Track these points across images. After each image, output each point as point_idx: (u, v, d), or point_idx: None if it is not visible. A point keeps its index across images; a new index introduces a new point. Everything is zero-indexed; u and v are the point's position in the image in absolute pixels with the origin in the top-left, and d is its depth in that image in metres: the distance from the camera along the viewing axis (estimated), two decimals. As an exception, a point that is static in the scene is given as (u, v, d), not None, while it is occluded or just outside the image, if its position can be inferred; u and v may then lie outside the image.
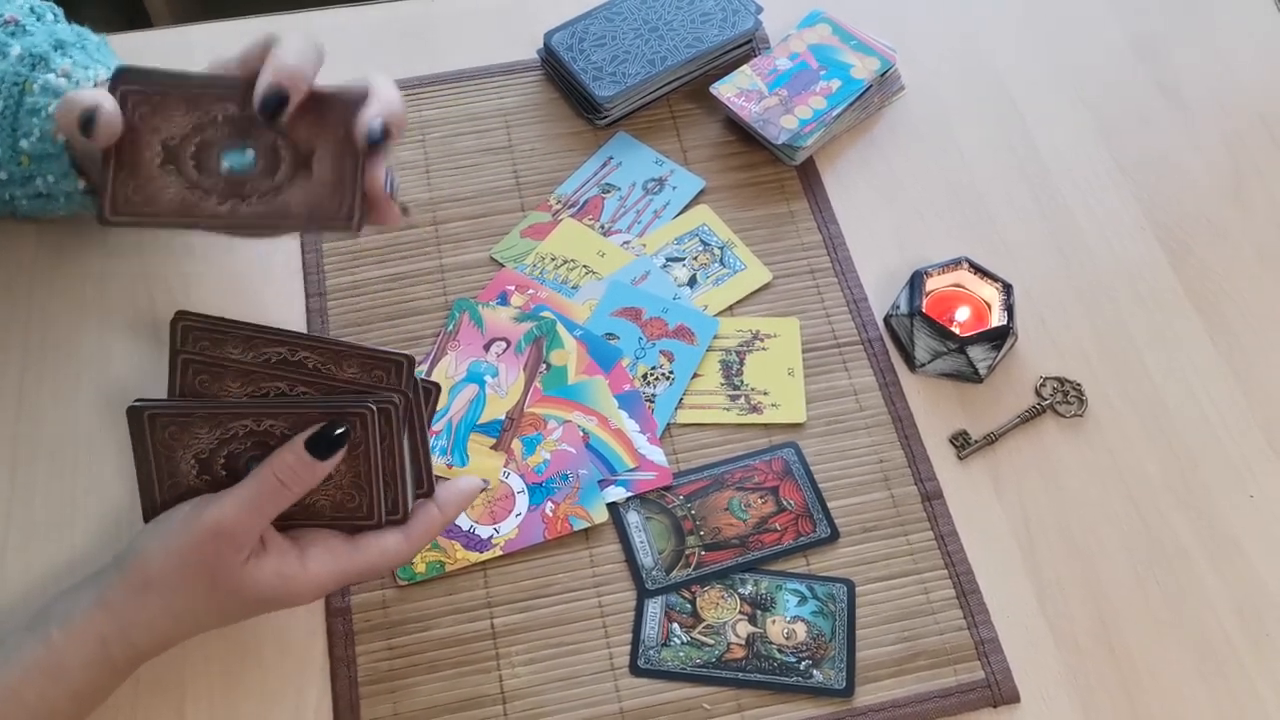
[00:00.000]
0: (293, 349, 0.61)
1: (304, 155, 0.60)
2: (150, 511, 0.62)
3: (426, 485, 0.63)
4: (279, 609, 0.61)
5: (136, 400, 0.60)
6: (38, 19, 0.75)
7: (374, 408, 0.59)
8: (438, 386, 0.64)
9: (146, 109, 0.59)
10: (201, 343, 0.61)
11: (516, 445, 0.74)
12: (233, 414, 0.60)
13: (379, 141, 0.61)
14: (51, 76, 0.70)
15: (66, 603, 0.60)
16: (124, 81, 0.60)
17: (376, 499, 0.61)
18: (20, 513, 0.72)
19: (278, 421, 0.60)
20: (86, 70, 0.71)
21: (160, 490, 0.61)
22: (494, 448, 0.74)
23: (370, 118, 0.61)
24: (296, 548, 0.61)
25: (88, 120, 0.59)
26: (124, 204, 0.61)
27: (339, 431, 0.59)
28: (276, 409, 0.60)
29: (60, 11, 0.78)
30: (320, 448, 0.59)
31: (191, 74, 0.61)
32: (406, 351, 0.62)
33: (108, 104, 0.59)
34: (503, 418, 0.75)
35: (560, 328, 0.78)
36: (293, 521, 0.61)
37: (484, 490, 0.66)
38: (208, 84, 0.61)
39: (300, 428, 0.60)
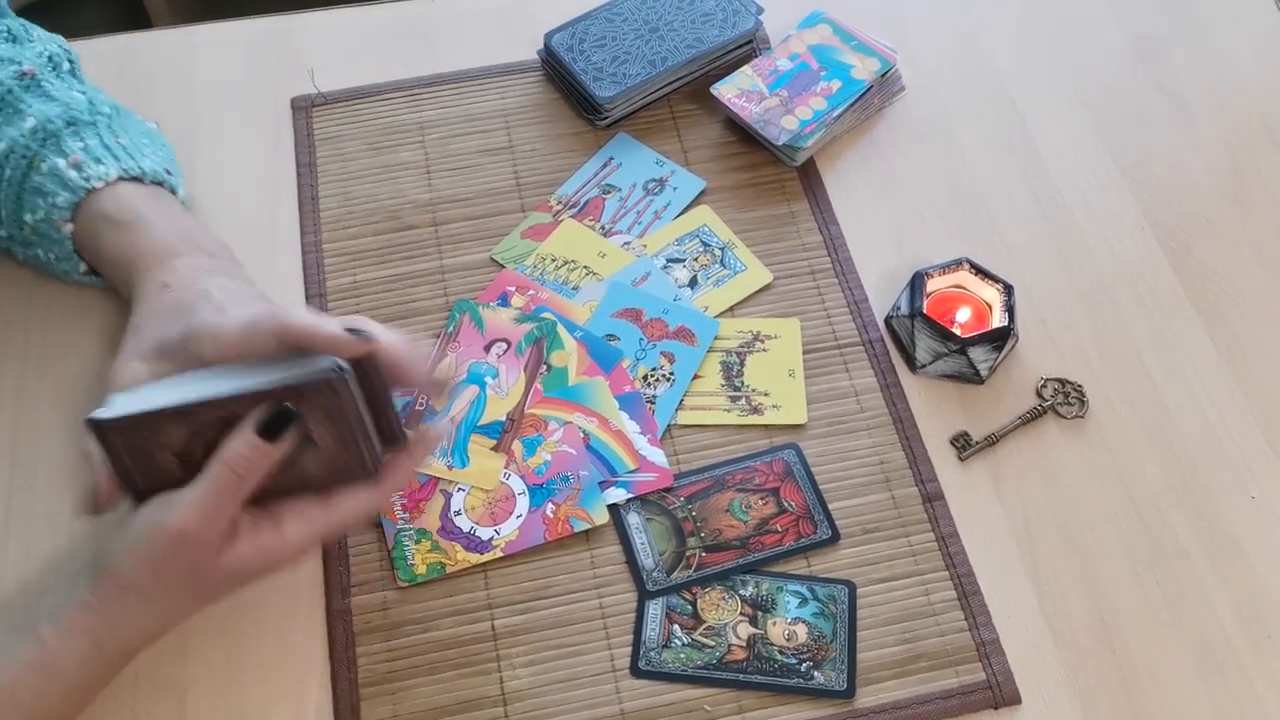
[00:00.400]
0: (225, 406, 0.60)
1: (302, 431, 0.61)
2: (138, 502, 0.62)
3: (399, 436, 0.63)
4: (266, 578, 0.62)
5: (95, 413, 0.60)
6: (54, 69, 0.75)
7: (339, 369, 0.59)
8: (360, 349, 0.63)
9: (145, 432, 0.60)
10: (141, 432, 0.60)
11: (517, 446, 0.74)
12: (200, 409, 0.60)
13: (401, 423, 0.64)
14: (62, 163, 0.71)
15: (49, 602, 0.60)
16: (109, 435, 0.60)
17: (364, 450, 0.61)
18: (20, 513, 0.72)
19: (244, 407, 0.60)
20: (98, 164, 0.71)
21: (143, 484, 0.61)
22: (494, 449, 0.74)
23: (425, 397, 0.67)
24: (269, 518, 0.61)
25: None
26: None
27: (287, 411, 0.59)
28: (240, 397, 0.59)
29: (77, 59, 0.78)
30: (270, 429, 0.59)
31: (168, 395, 0.61)
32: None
33: (102, 476, 0.61)
34: (503, 419, 0.75)
35: (561, 329, 0.78)
36: (288, 496, 0.62)
37: (446, 435, 0.67)
38: (188, 402, 0.60)
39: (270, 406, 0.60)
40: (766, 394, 0.77)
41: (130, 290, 0.69)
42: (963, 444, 0.75)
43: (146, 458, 0.60)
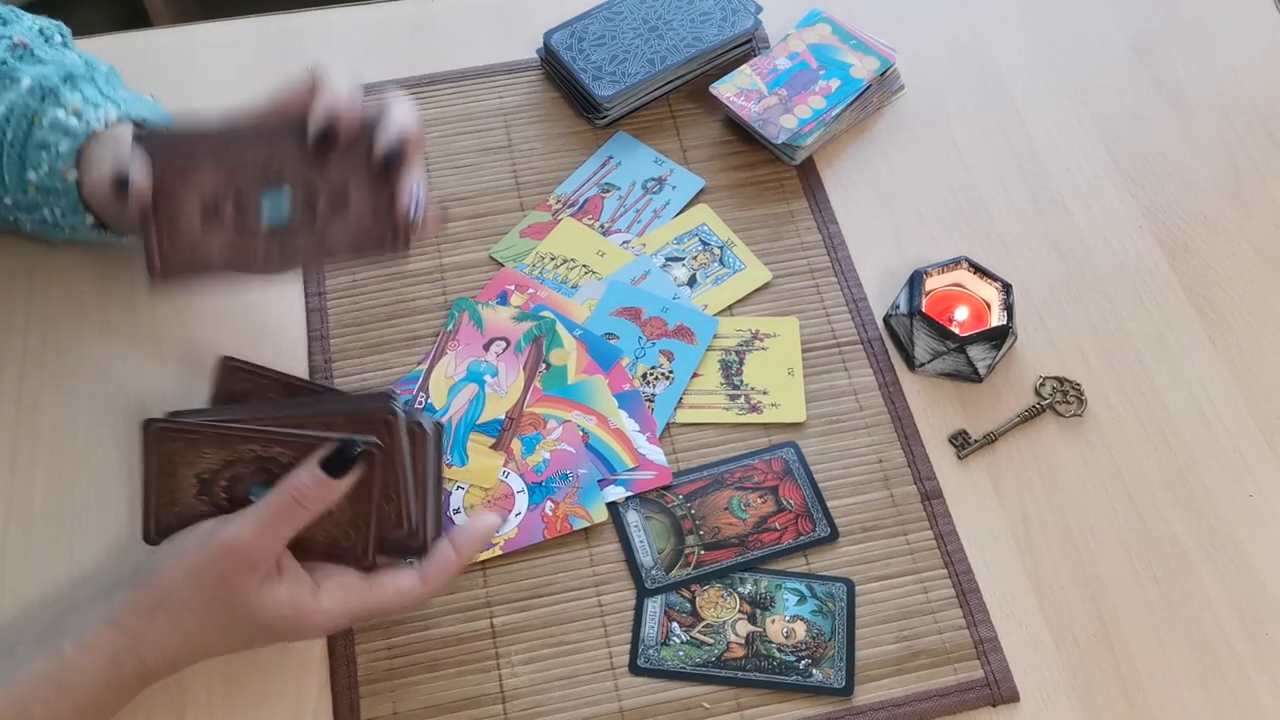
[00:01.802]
0: (265, 445, 0.61)
1: (339, 192, 0.60)
2: (147, 529, 0.61)
3: (436, 530, 0.64)
4: (287, 639, 0.61)
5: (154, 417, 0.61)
6: (46, 41, 0.74)
7: (380, 441, 0.60)
8: (439, 426, 0.65)
9: (177, 168, 0.60)
10: (175, 445, 0.61)
11: (516, 445, 0.74)
12: (242, 436, 0.60)
13: (396, 161, 0.62)
14: (61, 113, 0.70)
15: (78, 617, 0.60)
16: (147, 143, 0.60)
17: (371, 540, 0.61)
18: (19, 516, 0.72)
19: (286, 450, 0.60)
20: (97, 109, 0.71)
21: (157, 506, 0.61)
22: (493, 447, 0.74)
23: (385, 140, 0.62)
24: (311, 579, 0.60)
25: (122, 183, 0.61)
26: (174, 261, 0.62)
27: (356, 451, 0.59)
28: (285, 438, 0.60)
29: (68, 32, 0.77)
30: (335, 466, 0.59)
31: (211, 126, 0.61)
32: (387, 389, 0.63)
33: (138, 172, 0.60)
34: (502, 417, 0.75)
35: (560, 327, 0.78)
36: (331, 541, 0.61)
37: (499, 527, 0.66)
38: (230, 135, 0.60)
39: (306, 456, 0.60)
40: (765, 392, 0.77)
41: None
42: (961, 442, 0.75)
43: (171, 476, 0.60)
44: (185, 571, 0.58)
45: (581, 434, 0.74)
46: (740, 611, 0.69)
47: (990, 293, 0.78)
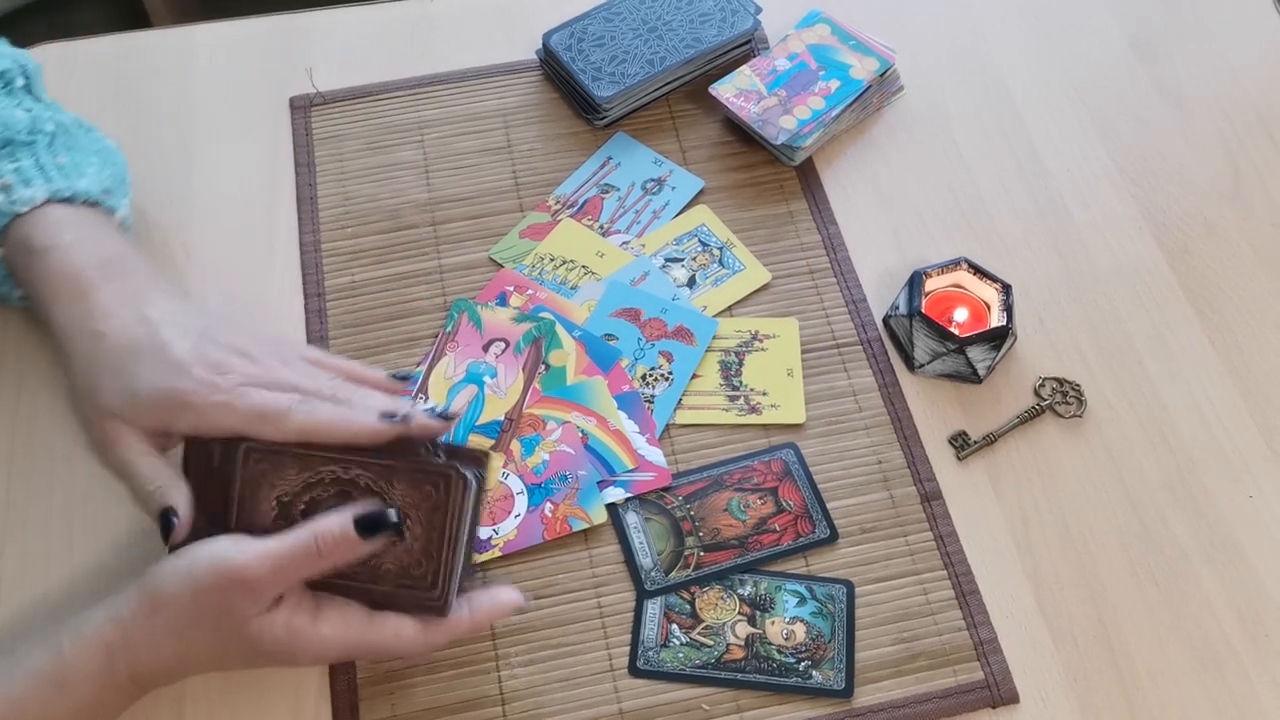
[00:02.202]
0: (345, 466, 0.61)
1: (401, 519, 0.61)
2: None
3: (468, 569, 0.63)
4: (281, 665, 0.61)
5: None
6: (3, 86, 0.72)
7: (464, 473, 0.60)
8: (487, 455, 0.64)
9: (265, 465, 0.61)
10: (260, 465, 0.61)
11: (515, 446, 0.74)
12: (324, 458, 0.60)
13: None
14: None
15: (82, 616, 0.59)
16: (246, 452, 0.61)
17: (443, 568, 0.60)
18: (18, 517, 0.72)
19: (365, 471, 0.60)
20: (27, 186, 0.68)
21: (237, 522, 0.61)
22: (493, 448, 0.74)
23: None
24: (313, 605, 0.60)
25: (165, 524, 0.61)
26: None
27: (391, 518, 0.59)
28: (367, 461, 0.60)
29: (36, 72, 0.75)
30: (367, 527, 0.58)
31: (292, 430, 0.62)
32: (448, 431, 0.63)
33: (183, 516, 0.61)
34: (501, 418, 0.75)
35: (559, 328, 0.78)
36: (352, 582, 0.60)
37: (524, 610, 0.65)
38: (323, 456, 0.61)
39: (386, 480, 0.60)
40: (765, 393, 0.77)
41: (54, 326, 0.66)
42: (961, 443, 0.75)
43: (254, 495, 0.61)
44: (189, 586, 0.58)
45: (581, 435, 0.74)
46: (740, 613, 0.69)
47: (990, 293, 0.78)
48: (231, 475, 0.61)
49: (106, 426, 0.62)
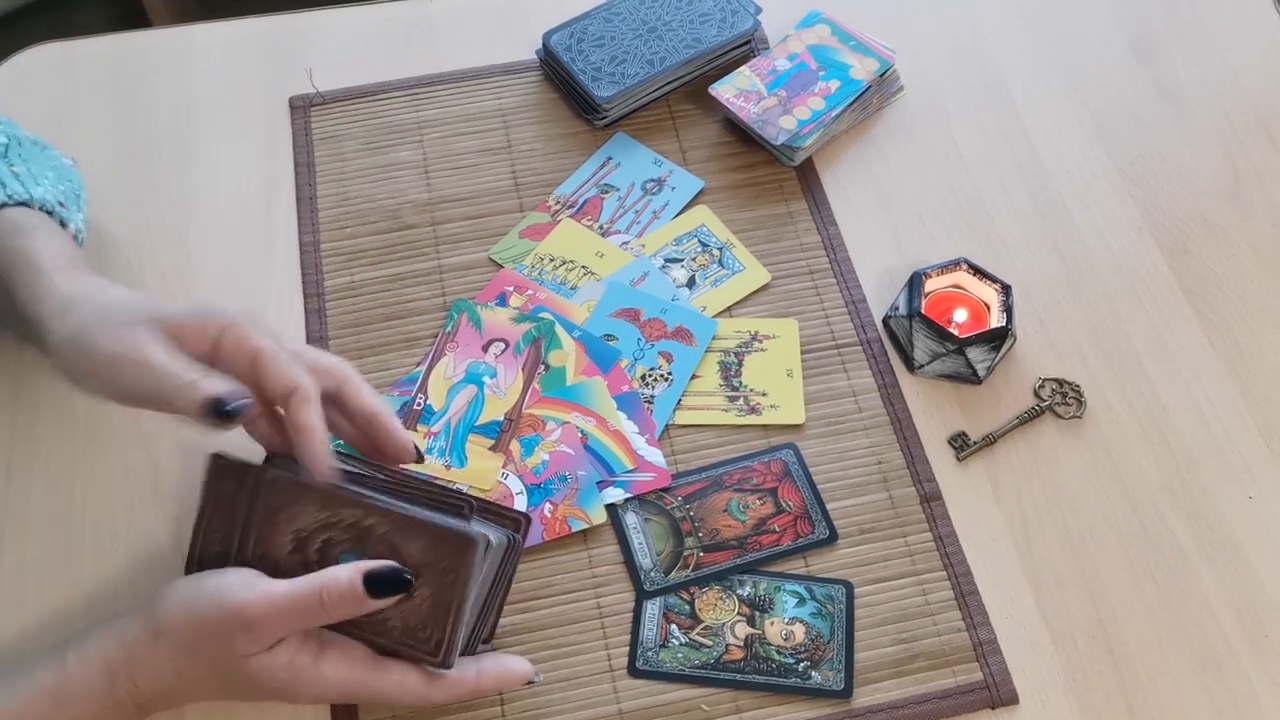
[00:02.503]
0: (366, 512, 0.60)
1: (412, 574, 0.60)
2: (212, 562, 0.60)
3: (489, 634, 0.63)
4: (280, 700, 0.59)
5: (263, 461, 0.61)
6: None
7: (485, 538, 0.59)
8: (527, 519, 0.64)
9: (287, 498, 0.60)
10: (279, 497, 0.60)
11: (515, 446, 0.74)
12: (346, 500, 0.59)
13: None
14: None
15: (88, 633, 0.59)
16: (267, 483, 0.60)
17: (447, 634, 0.59)
18: (17, 520, 0.72)
19: (384, 521, 0.59)
20: None
21: (249, 552, 0.60)
22: (492, 449, 0.74)
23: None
24: (316, 645, 0.58)
25: (230, 414, 0.57)
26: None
27: (405, 577, 0.58)
28: (388, 511, 0.59)
29: None
30: (377, 585, 0.57)
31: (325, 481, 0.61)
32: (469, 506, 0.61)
33: (237, 393, 0.58)
34: (501, 419, 0.75)
35: (559, 329, 0.78)
36: (355, 632, 0.59)
37: (534, 685, 0.64)
38: (345, 495, 0.60)
39: (403, 533, 0.59)
40: (764, 394, 0.77)
41: (39, 294, 0.63)
42: (960, 444, 0.75)
43: (271, 526, 0.60)
44: (192, 619, 0.57)
45: (580, 435, 0.74)
46: (739, 614, 0.69)
47: (989, 294, 0.78)
48: (252, 503, 0.60)
49: (127, 336, 0.58)
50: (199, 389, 0.57)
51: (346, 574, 0.57)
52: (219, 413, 0.57)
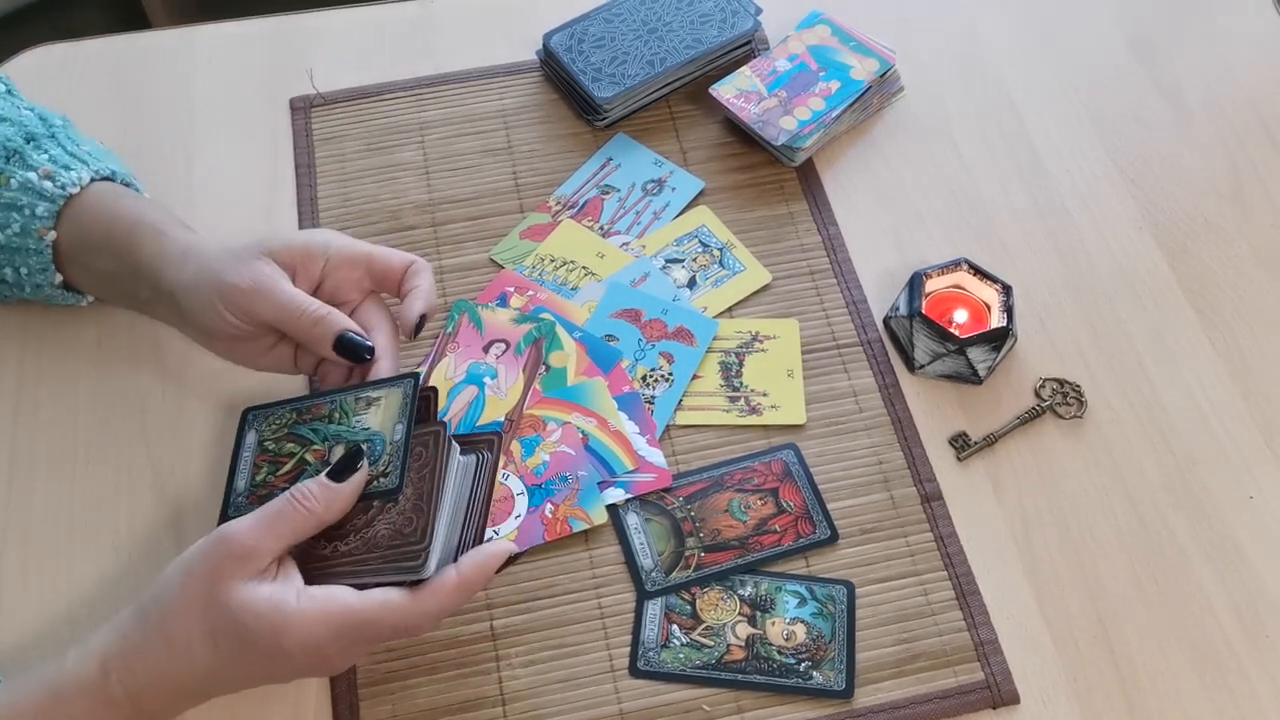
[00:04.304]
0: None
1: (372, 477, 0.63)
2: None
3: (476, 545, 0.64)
4: (271, 663, 0.58)
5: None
6: (5, 91, 0.75)
7: (448, 428, 0.63)
8: (499, 436, 0.66)
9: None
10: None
11: (516, 447, 0.74)
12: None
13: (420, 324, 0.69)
14: (33, 176, 0.70)
15: (93, 630, 0.59)
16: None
17: (431, 521, 0.61)
18: (17, 523, 0.72)
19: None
20: (69, 170, 0.72)
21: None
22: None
23: (411, 312, 0.69)
24: (299, 584, 0.59)
25: (356, 347, 0.67)
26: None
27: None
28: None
29: (9, 81, 0.78)
30: (339, 470, 0.61)
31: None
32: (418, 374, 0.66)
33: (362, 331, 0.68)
34: (502, 419, 0.75)
35: (560, 329, 0.78)
36: (352, 557, 0.61)
37: (513, 557, 0.64)
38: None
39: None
40: (765, 394, 0.77)
41: (161, 246, 0.69)
42: (961, 444, 0.75)
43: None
44: (181, 568, 0.58)
45: (581, 436, 0.74)
46: (740, 614, 0.69)
47: (990, 294, 0.78)
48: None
49: (254, 267, 0.66)
50: (331, 323, 0.66)
51: (312, 477, 0.61)
52: (345, 344, 0.66)
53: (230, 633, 0.57)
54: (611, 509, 0.72)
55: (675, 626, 0.69)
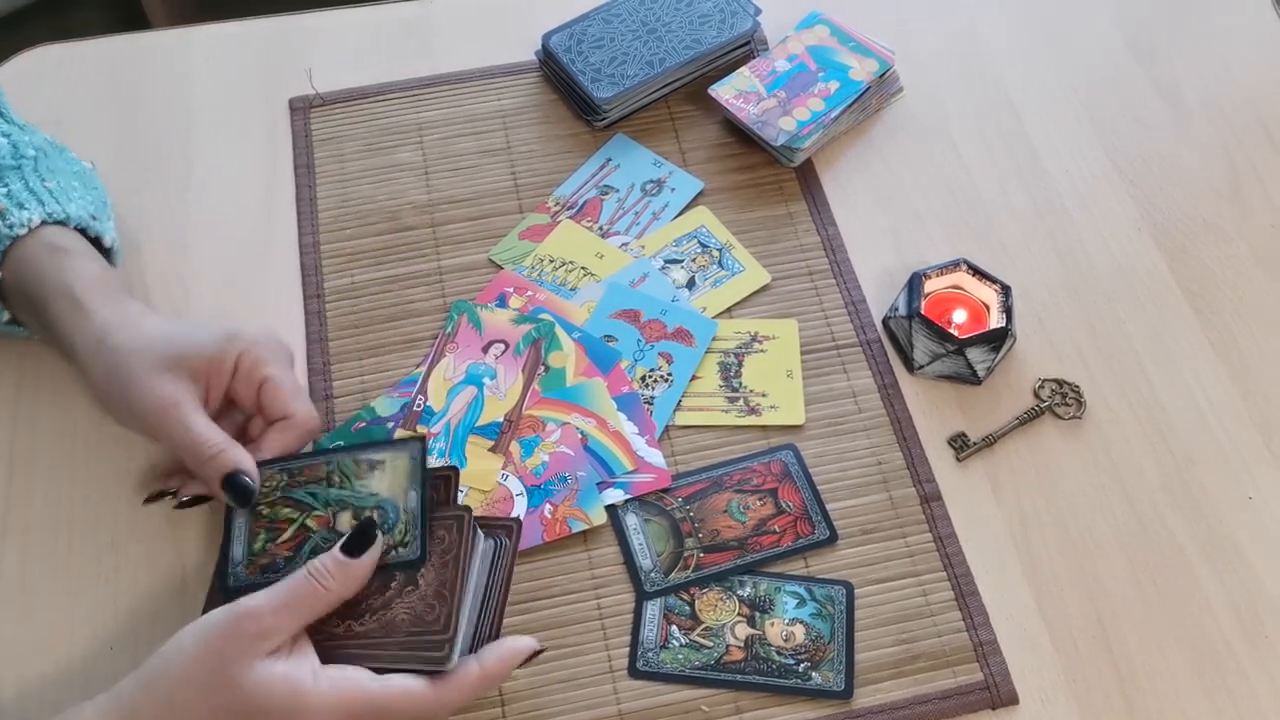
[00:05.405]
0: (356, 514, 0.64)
1: (413, 572, 0.62)
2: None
3: (494, 635, 0.63)
4: None
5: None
6: None
7: (471, 512, 0.62)
8: (518, 522, 0.66)
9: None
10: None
11: (515, 447, 0.74)
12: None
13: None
14: None
15: (89, 700, 0.58)
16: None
17: (454, 610, 0.60)
18: (17, 526, 0.72)
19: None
20: (21, 210, 0.69)
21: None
22: (492, 450, 0.74)
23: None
24: (315, 663, 0.58)
25: (242, 489, 0.64)
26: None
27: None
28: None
29: (2, 101, 0.76)
30: (353, 545, 0.59)
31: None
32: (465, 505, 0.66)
33: (251, 471, 0.65)
34: (501, 420, 0.75)
35: (559, 330, 0.78)
36: (368, 639, 0.59)
37: (538, 653, 0.63)
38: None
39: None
40: (764, 395, 0.77)
41: (78, 320, 0.67)
42: (960, 445, 0.75)
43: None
44: (195, 639, 0.56)
45: (580, 436, 0.74)
46: (739, 614, 0.69)
47: (989, 295, 0.78)
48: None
49: (159, 388, 0.64)
50: (221, 464, 0.64)
51: (325, 554, 0.59)
52: (232, 488, 0.64)
53: (241, 713, 0.56)
54: (610, 509, 0.72)
55: (674, 627, 0.69)
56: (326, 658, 0.59)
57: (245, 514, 0.65)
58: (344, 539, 0.60)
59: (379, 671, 0.58)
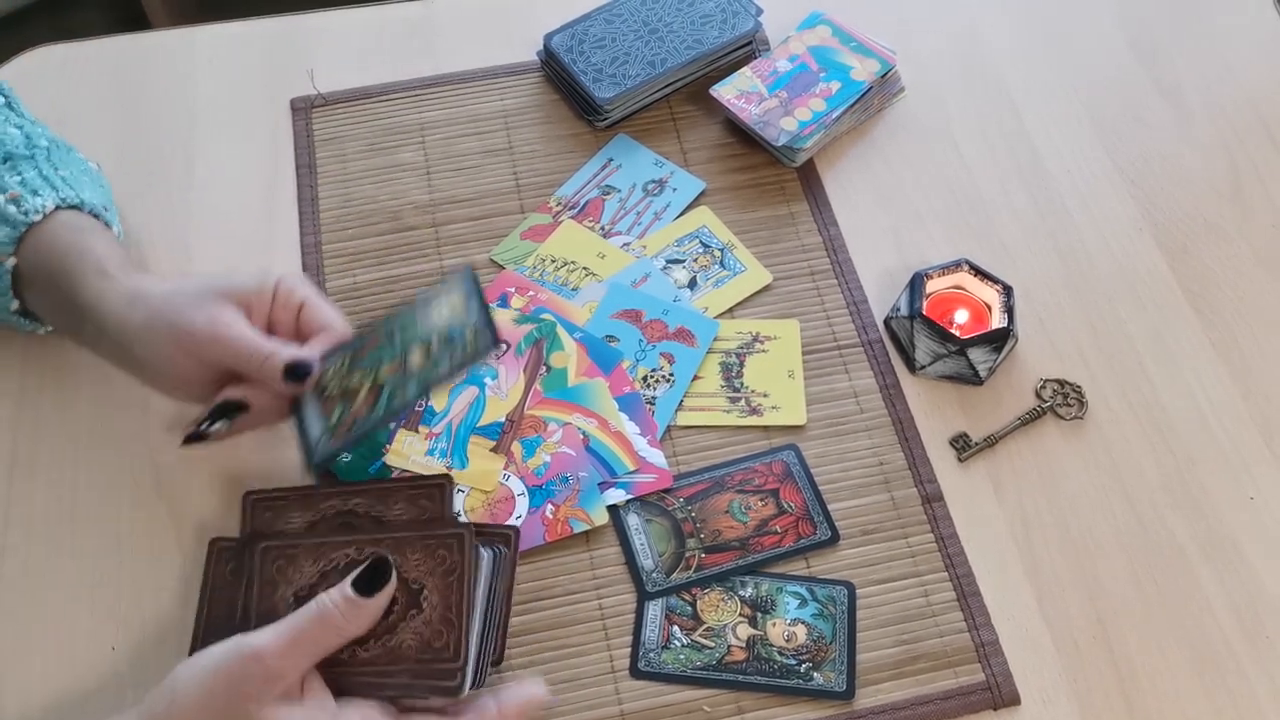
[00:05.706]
0: (345, 498, 0.65)
1: (415, 592, 0.61)
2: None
3: (499, 656, 0.64)
4: None
5: (232, 537, 0.65)
6: None
7: (471, 530, 0.62)
8: (516, 531, 0.66)
9: (281, 562, 0.62)
10: (266, 514, 0.65)
11: (516, 448, 0.74)
12: (337, 545, 0.62)
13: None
14: (0, 199, 0.69)
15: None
16: (259, 539, 0.64)
17: (463, 633, 0.59)
18: (17, 528, 0.72)
19: (376, 548, 0.62)
20: (36, 196, 0.70)
21: (252, 625, 0.60)
22: (494, 450, 0.74)
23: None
24: (334, 708, 0.57)
25: (305, 370, 0.66)
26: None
27: (384, 558, 0.59)
28: (378, 537, 0.62)
29: (10, 91, 0.77)
30: (365, 583, 0.58)
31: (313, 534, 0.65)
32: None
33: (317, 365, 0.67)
34: (502, 420, 0.75)
35: (560, 330, 0.78)
36: (374, 668, 0.59)
37: (550, 706, 0.63)
38: (330, 544, 0.63)
39: (400, 553, 0.61)
40: (766, 395, 0.77)
41: (106, 285, 0.68)
42: (962, 445, 0.75)
43: (270, 593, 0.61)
44: (202, 675, 0.56)
45: (582, 437, 0.74)
46: (741, 615, 0.69)
47: (990, 295, 0.78)
48: (250, 577, 0.62)
49: (209, 309, 0.66)
50: (279, 358, 0.66)
51: (334, 589, 0.58)
52: (295, 375, 0.66)
53: None
54: (612, 510, 0.72)
55: (676, 627, 0.69)
56: (333, 686, 0.58)
57: (314, 399, 0.67)
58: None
59: (389, 700, 0.59)
